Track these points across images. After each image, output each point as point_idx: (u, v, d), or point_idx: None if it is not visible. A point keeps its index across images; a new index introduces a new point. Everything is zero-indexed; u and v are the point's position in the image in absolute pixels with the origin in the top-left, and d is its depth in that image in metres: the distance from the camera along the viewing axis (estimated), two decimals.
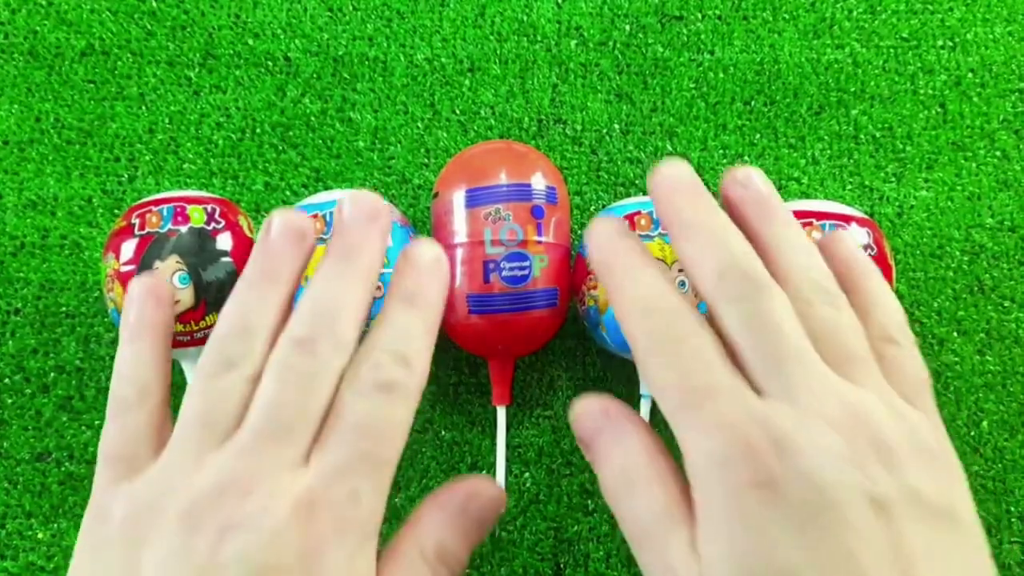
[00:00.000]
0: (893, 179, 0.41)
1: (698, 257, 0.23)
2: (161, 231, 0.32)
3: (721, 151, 0.41)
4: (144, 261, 0.32)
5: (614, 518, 0.37)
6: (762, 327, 0.22)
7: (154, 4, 0.42)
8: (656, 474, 0.23)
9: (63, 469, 0.37)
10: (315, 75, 0.41)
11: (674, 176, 0.24)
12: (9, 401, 0.38)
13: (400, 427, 0.22)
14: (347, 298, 0.23)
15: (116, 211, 0.40)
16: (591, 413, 0.25)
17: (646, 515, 0.23)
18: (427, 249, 0.24)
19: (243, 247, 0.33)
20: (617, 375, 0.39)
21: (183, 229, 0.32)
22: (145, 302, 0.25)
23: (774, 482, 0.20)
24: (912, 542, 0.20)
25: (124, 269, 0.32)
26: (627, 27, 0.42)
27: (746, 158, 0.41)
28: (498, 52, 0.42)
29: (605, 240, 0.24)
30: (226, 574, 0.19)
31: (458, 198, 0.33)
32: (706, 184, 0.25)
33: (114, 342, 0.38)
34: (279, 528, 0.20)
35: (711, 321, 0.23)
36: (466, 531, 0.24)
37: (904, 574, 0.19)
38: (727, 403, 0.21)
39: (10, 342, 0.39)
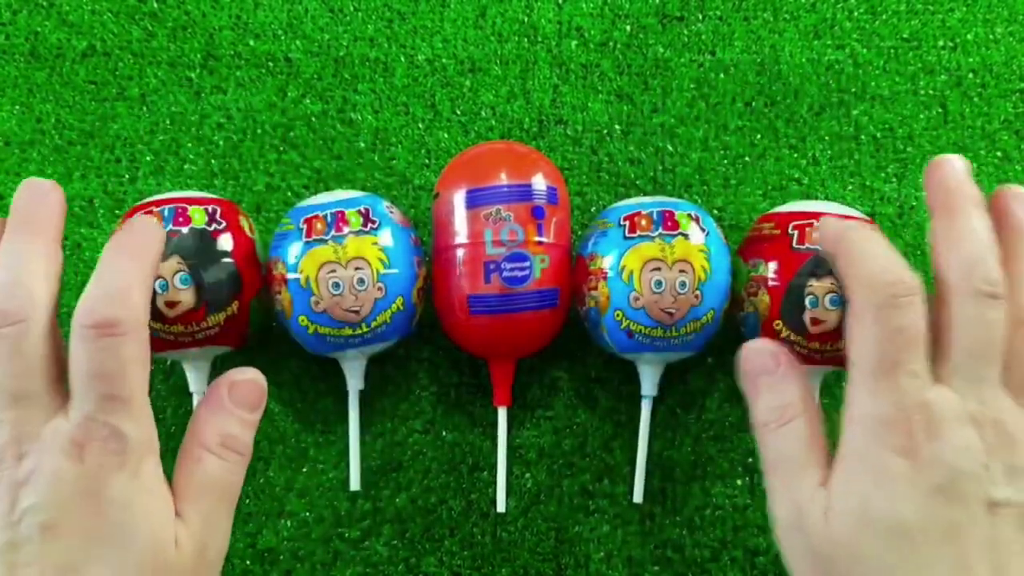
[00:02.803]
0: (894, 179, 0.41)
1: (955, 244, 0.26)
2: None
3: (722, 152, 0.41)
4: None
5: (615, 518, 0.37)
6: (977, 332, 0.25)
7: (155, 5, 0.42)
8: (808, 419, 0.27)
9: None
10: (316, 76, 0.41)
11: (951, 169, 0.27)
12: None
13: (129, 363, 0.24)
14: (32, 260, 0.25)
15: (117, 212, 0.40)
16: (763, 352, 0.28)
17: (789, 449, 0.27)
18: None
19: (244, 248, 0.33)
20: (618, 376, 0.39)
21: (184, 230, 0.32)
22: None
23: (917, 454, 0.24)
24: (1011, 542, 0.24)
25: None
26: (628, 28, 0.42)
27: (747, 159, 0.41)
28: (499, 53, 0.42)
29: (836, 229, 0.28)
30: (26, 523, 0.23)
31: (459, 199, 0.33)
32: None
33: None
34: (57, 475, 0.23)
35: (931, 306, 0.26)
36: (239, 417, 0.27)
37: (996, 562, 0.23)
38: (907, 381, 0.25)
39: None
